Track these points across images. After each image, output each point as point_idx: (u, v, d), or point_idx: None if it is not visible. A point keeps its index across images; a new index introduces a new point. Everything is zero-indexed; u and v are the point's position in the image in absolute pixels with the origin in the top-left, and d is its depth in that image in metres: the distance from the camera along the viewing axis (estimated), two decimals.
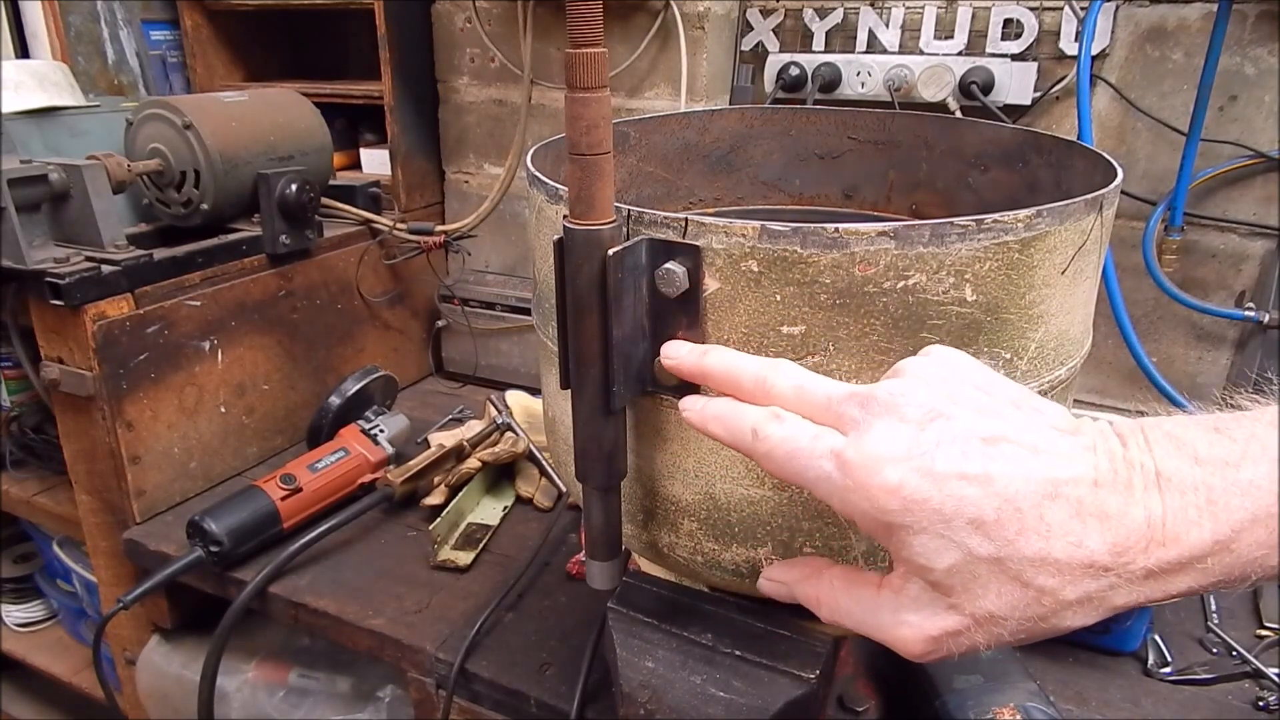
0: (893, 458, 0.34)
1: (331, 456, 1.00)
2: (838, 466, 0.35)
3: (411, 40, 1.30)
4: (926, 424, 0.34)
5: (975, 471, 0.33)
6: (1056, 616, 0.33)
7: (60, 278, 0.87)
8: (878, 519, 0.34)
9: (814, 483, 0.37)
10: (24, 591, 1.42)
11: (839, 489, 0.35)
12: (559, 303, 0.46)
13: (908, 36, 1.08)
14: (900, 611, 0.36)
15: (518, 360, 1.34)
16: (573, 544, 0.94)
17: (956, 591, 0.33)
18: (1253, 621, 0.82)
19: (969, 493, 0.33)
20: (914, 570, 0.35)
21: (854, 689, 0.69)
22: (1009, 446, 0.33)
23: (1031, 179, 0.65)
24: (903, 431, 0.34)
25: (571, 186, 0.43)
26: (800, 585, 0.41)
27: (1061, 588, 0.32)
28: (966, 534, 0.33)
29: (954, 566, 0.33)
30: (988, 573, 0.33)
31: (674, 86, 1.15)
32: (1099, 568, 0.31)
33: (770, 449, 0.38)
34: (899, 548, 0.34)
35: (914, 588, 0.35)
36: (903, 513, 0.33)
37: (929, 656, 0.36)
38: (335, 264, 1.20)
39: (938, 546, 0.33)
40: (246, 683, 0.99)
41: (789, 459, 0.37)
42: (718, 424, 0.41)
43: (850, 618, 0.38)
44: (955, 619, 0.34)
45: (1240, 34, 0.94)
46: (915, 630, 0.35)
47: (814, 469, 0.36)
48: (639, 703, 0.54)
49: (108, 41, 1.39)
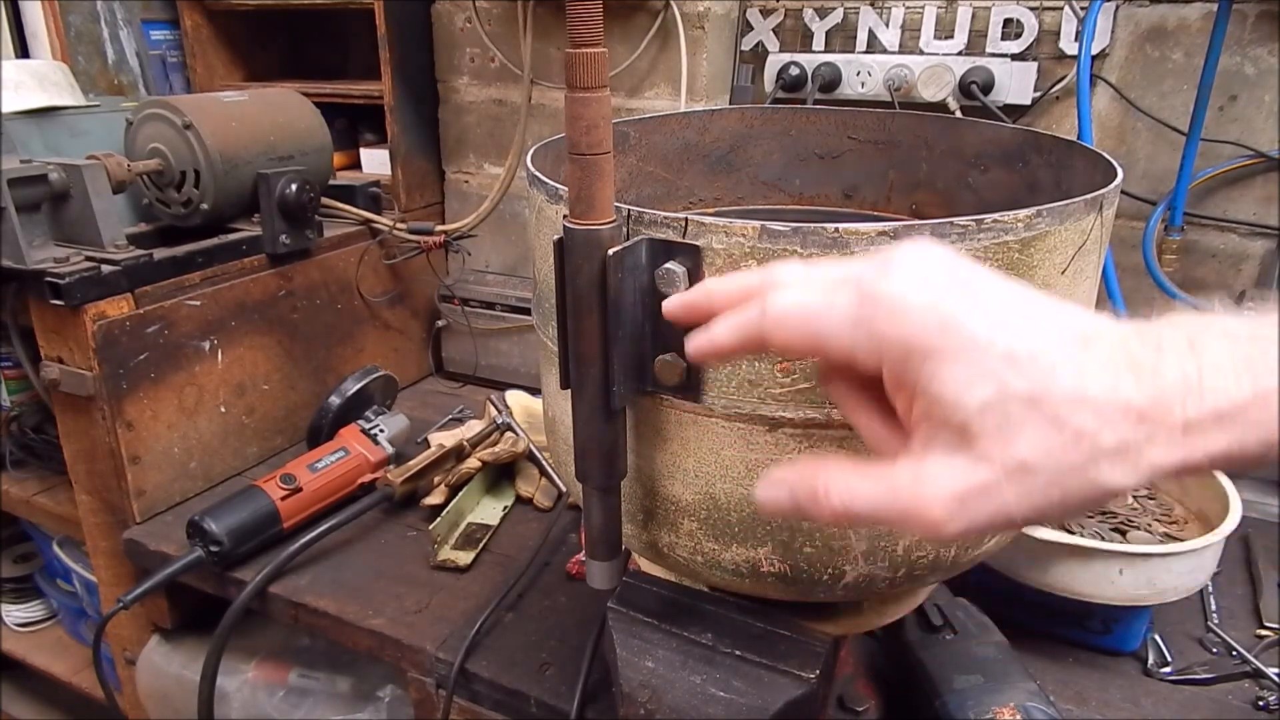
0: (924, 281, 0.32)
1: (331, 456, 1.00)
2: (861, 300, 0.33)
3: (411, 40, 1.30)
4: (951, 264, 0.33)
5: (1008, 308, 0.31)
6: (1094, 467, 0.30)
7: (60, 278, 0.87)
8: (909, 343, 0.31)
9: (834, 329, 0.33)
10: (24, 591, 1.41)
11: (865, 322, 0.33)
12: (559, 303, 0.46)
13: (908, 36, 1.08)
14: (921, 474, 0.32)
15: (518, 360, 1.34)
16: (573, 544, 0.94)
17: (988, 435, 0.30)
18: (1253, 621, 0.82)
19: (1001, 325, 0.31)
20: (941, 410, 0.31)
21: (854, 689, 0.69)
22: (1035, 300, 0.32)
23: (1031, 179, 0.65)
24: (930, 265, 0.33)
25: (571, 186, 0.43)
26: (801, 481, 0.36)
27: (1099, 430, 0.29)
28: (1002, 367, 0.30)
29: (988, 403, 0.30)
30: (1022, 412, 0.30)
31: (674, 86, 1.15)
32: (1137, 412, 0.29)
33: (782, 314, 0.35)
34: (929, 379, 0.31)
35: (937, 446, 0.32)
36: (939, 332, 0.31)
37: (955, 525, 0.31)
38: (335, 264, 1.20)
39: (971, 378, 0.30)
40: (246, 683, 0.99)
41: (804, 317, 0.34)
42: (725, 329, 0.38)
43: (866, 497, 0.34)
44: (983, 471, 0.31)
45: (1240, 34, 0.94)
46: (938, 489, 0.31)
47: (834, 313, 0.33)
48: (639, 703, 0.54)
49: (108, 41, 1.39)
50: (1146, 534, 0.81)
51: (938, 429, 0.32)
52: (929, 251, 0.33)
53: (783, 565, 0.50)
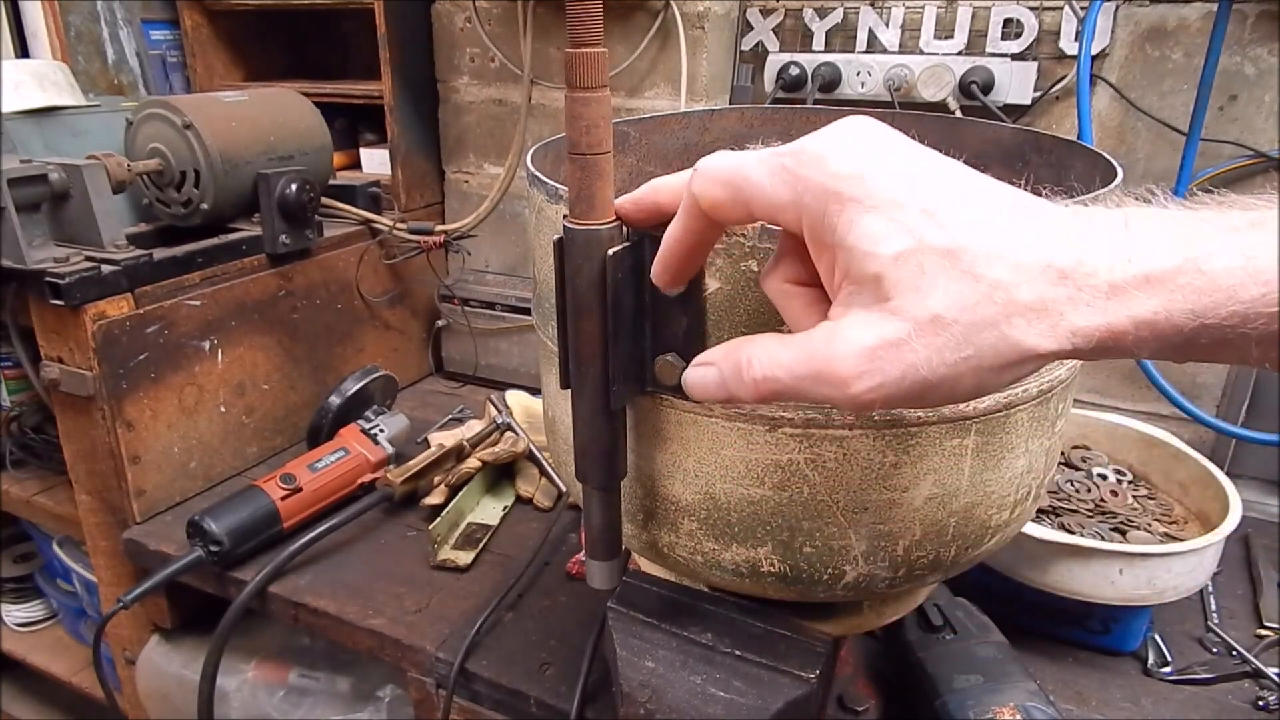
0: (850, 138, 0.32)
1: (331, 456, 1.00)
2: (790, 152, 0.33)
3: (411, 40, 1.30)
4: (883, 131, 0.33)
5: (930, 167, 0.31)
6: (1008, 323, 0.29)
7: (60, 277, 0.87)
8: (828, 188, 0.31)
9: (762, 180, 0.33)
10: (24, 591, 1.42)
11: (790, 172, 0.32)
12: (559, 303, 0.46)
13: (908, 36, 1.08)
14: (836, 332, 0.32)
15: (518, 360, 1.34)
16: (573, 544, 0.94)
17: (901, 289, 0.30)
18: (1253, 621, 0.82)
19: (922, 180, 0.31)
20: (857, 264, 0.31)
21: (854, 689, 0.69)
22: (964, 169, 0.32)
23: (1032, 179, 0.65)
24: (860, 128, 0.33)
25: (571, 186, 0.43)
26: (729, 357, 0.35)
27: (1016, 284, 0.28)
28: (920, 219, 0.30)
29: (902, 254, 0.30)
30: (937, 264, 0.29)
31: (674, 86, 1.15)
32: (1057, 271, 0.28)
33: (710, 169, 0.35)
34: (845, 230, 0.31)
35: (854, 305, 0.31)
36: (855, 181, 0.31)
37: (864, 383, 0.31)
38: (335, 264, 1.20)
39: (888, 230, 0.30)
40: (246, 683, 0.99)
41: (735, 169, 0.34)
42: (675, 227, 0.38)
43: (783, 364, 0.33)
44: (895, 324, 0.30)
45: (1240, 34, 0.94)
46: (848, 344, 0.31)
47: (764, 165, 0.33)
48: (639, 702, 0.54)
49: (108, 41, 1.39)
50: (1146, 534, 0.81)
51: (855, 288, 0.31)
52: (862, 120, 0.33)
53: (783, 565, 0.50)
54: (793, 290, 0.37)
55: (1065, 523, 0.82)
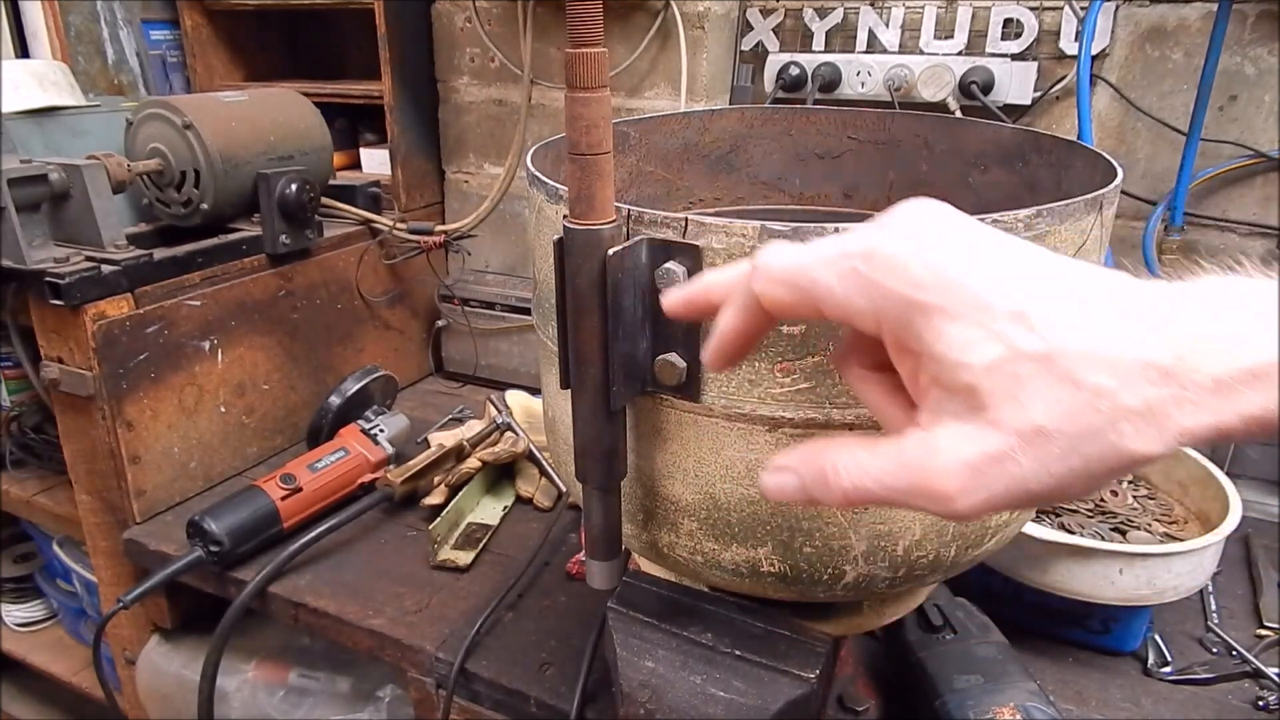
0: (922, 240, 0.30)
1: (331, 456, 1.00)
2: (860, 254, 0.31)
3: (411, 40, 1.30)
4: (951, 219, 0.31)
5: (1010, 259, 0.29)
6: (1115, 431, 0.27)
7: (60, 278, 0.87)
8: (910, 298, 0.29)
9: (832, 283, 0.31)
10: (24, 591, 1.42)
11: (863, 277, 0.30)
12: (559, 303, 0.46)
13: (908, 36, 1.08)
14: (930, 444, 0.30)
15: (518, 360, 1.34)
16: (573, 544, 0.94)
17: (997, 399, 0.28)
18: (1253, 621, 0.82)
19: (1008, 280, 0.29)
20: (947, 374, 0.29)
21: (854, 689, 0.69)
22: (1042, 254, 0.30)
23: (1031, 179, 0.65)
24: (929, 220, 0.31)
25: (571, 186, 0.43)
26: (810, 463, 0.34)
27: (1119, 389, 0.27)
28: (1008, 325, 0.28)
29: (995, 363, 0.28)
30: (1033, 372, 0.28)
31: (674, 86, 1.15)
32: (1159, 370, 0.27)
33: (773, 268, 0.33)
34: (932, 339, 0.29)
35: (945, 414, 0.30)
36: (939, 289, 0.29)
37: (968, 499, 0.29)
38: (335, 264, 1.20)
39: (977, 338, 0.28)
40: (246, 683, 0.99)
41: (800, 268, 0.32)
42: (723, 317, 0.37)
43: (874, 475, 0.32)
44: (997, 437, 0.28)
45: (1240, 34, 0.94)
46: (949, 458, 0.29)
47: (832, 268, 0.31)
48: (639, 702, 0.54)
49: (108, 41, 1.39)
50: (1146, 534, 0.81)
51: (945, 395, 0.30)
52: (928, 207, 0.32)
53: (783, 565, 0.50)
54: (869, 376, 0.36)
55: (1065, 523, 0.82)
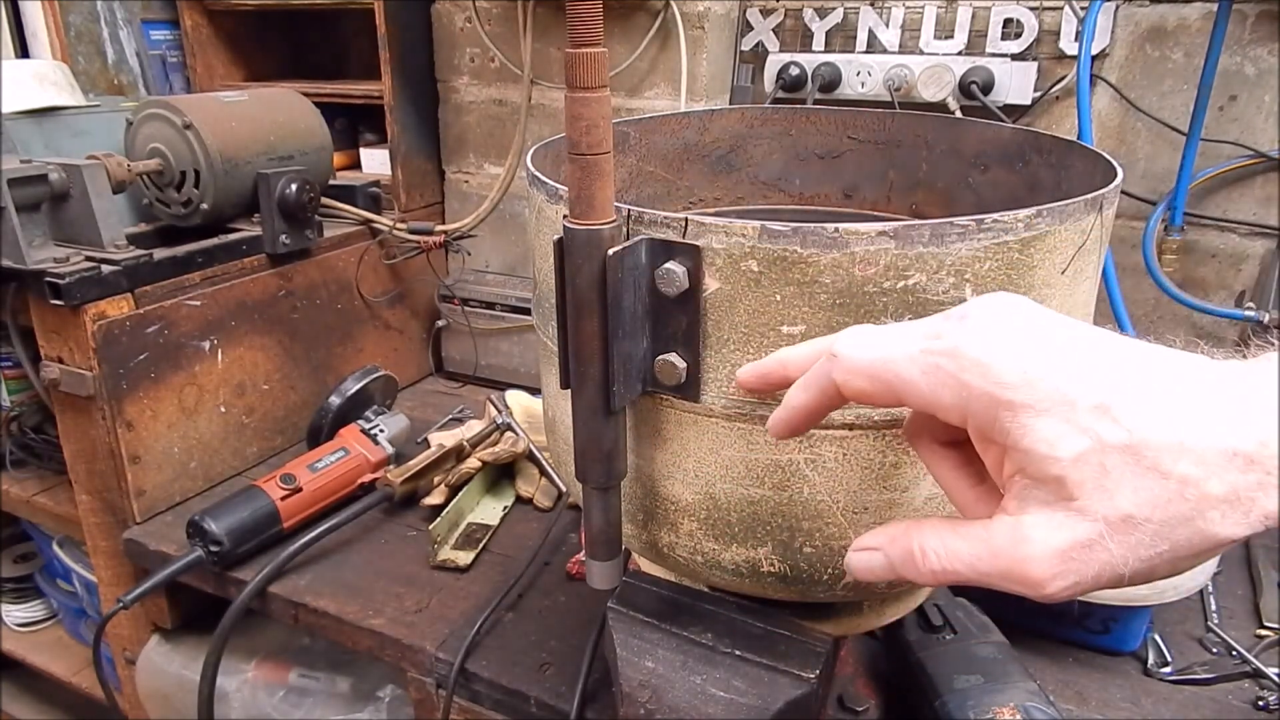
0: (1005, 338, 0.32)
1: (331, 456, 1.00)
2: (945, 352, 0.32)
3: (411, 40, 1.30)
4: (1030, 314, 0.33)
5: (1092, 354, 0.31)
6: (1203, 518, 0.28)
7: (60, 278, 0.87)
8: (997, 397, 0.31)
9: (916, 379, 0.33)
10: (24, 591, 1.41)
11: (950, 375, 0.32)
12: (559, 303, 0.46)
13: (908, 36, 1.08)
14: (1020, 531, 0.31)
15: (518, 360, 1.34)
16: (573, 544, 0.94)
17: (1086, 489, 0.29)
18: (1253, 621, 0.82)
19: (1091, 374, 0.30)
20: (1034, 466, 0.31)
21: (854, 689, 0.69)
22: (1114, 340, 0.31)
23: (1031, 179, 0.65)
24: (1009, 316, 0.33)
25: (571, 186, 0.43)
26: (897, 543, 0.35)
27: (1205, 478, 0.28)
28: (1094, 418, 0.29)
29: (1083, 455, 0.29)
30: (1120, 463, 0.29)
31: (674, 86, 1.15)
32: (1244, 458, 0.28)
33: (855, 361, 0.35)
34: (1020, 435, 0.31)
35: (1033, 502, 0.31)
36: (1024, 387, 0.30)
37: (1059, 583, 0.30)
38: (335, 264, 1.20)
39: (1063, 432, 0.30)
40: (246, 683, 0.99)
41: (884, 363, 0.34)
42: (796, 391, 0.38)
43: (964, 559, 0.33)
44: (1086, 525, 0.29)
45: (1240, 34, 0.94)
46: (1040, 546, 0.30)
47: (917, 363, 0.33)
48: (639, 703, 0.54)
49: (108, 41, 1.39)
50: None
51: (1032, 484, 0.31)
52: (1006, 302, 0.33)
53: (783, 565, 0.50)
54: (940, 451, 0.37)
55: None
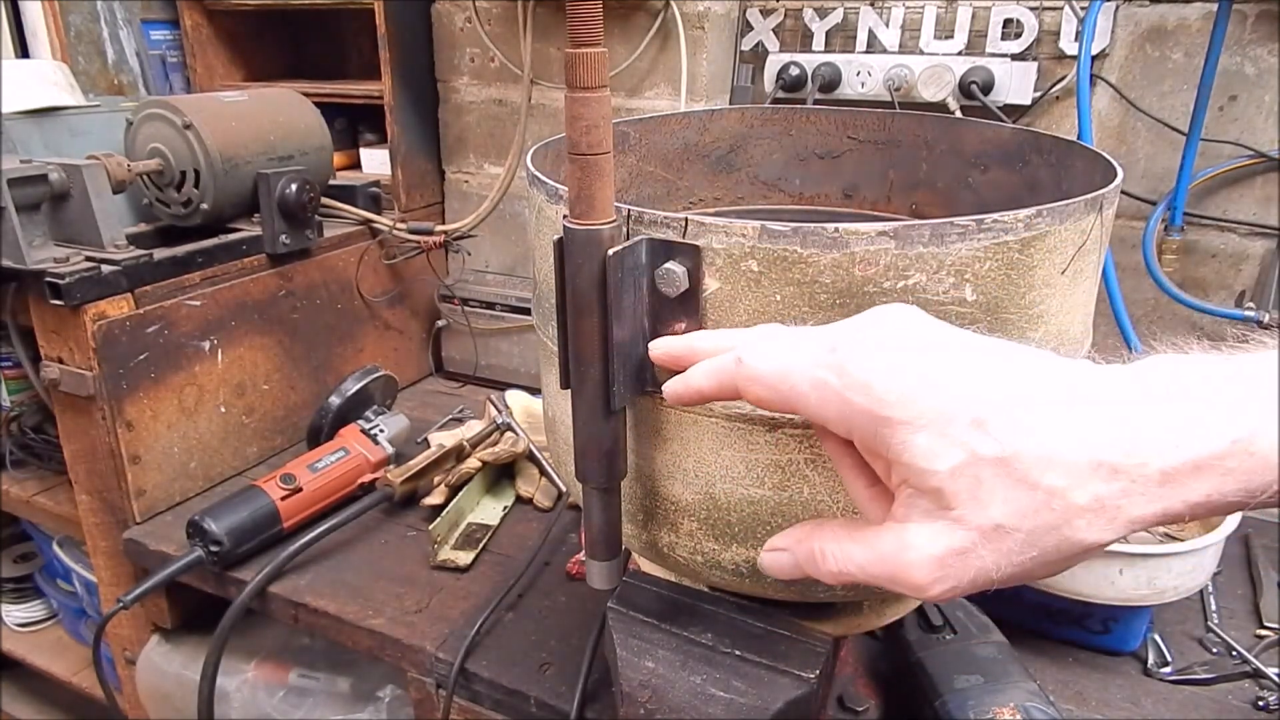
0: (888, 356, 0.34)
1: (331, 456, 1.00)
2: (833, 370, 0.34)
3: (411, 40, 1.30)
4: (920, 329, 0.35)
5: (971, 369, 0.33)
6: (1069, 526, 0.30)
7: (60, 277, 0.87)
8: (877, 414, 0.33)
9: (807, 393, 0.35)
10: (24, 591, 1.42)
11: (835, 392, 0.34)
12: (559, 303, 0.46)
13: (908, 36, 1.08)
14: (904, 539, 0.33)
15: (518, 360, 1.34)
16: (573, 544, 0.94)
17: (961, 500, 0.31)
18: (1253, 621, 0.82)
19: (967, 390, 0.32)
20: (915, 478, 0.33)
21: (854, 689, 0.69)
22: (996, 354, 0.33)
23: (1031, 179, 0.65)
24: (893, 335, 0.35)
25: (571, 186, 0.43)
26: (802, 544, 0.38)
27: (1071, 488, 0.30)
28: (969, 433, 0.31)
29: (957, 468, 0.31)
30: (993, 475, 0.31)
31: (674, 86, 1.15)
32: (1109, 468, 0.29)
33: (756, 370, 0.37)
34: (900, 450, 0.33)
35: (916, 512, 0.33)
36: (902, 404, 0.32)
37: (938, 587, 0.33)
38: (335, 264, 1.20)
39: (939, 446, 0.31)
40: (246, 683, 0.99)
41: (780, 375, 0.36)
42: (700, 373, 0.40)
43: (857, 562, 0.36)
44: (961, 534, 0.32)
45: (1240, 34, 0.94)
46: (920, 553, 0.33)
47: (807, 377, 0.35)
48: (639, 702, 0.54)
49: (108, 41, 1.39)
50: (1146, 534, 0.81)
51: (916, 494, 0.33)
52: (896, 316, 0.36)
53: None
54: (842, 450, 0.39)
55: None
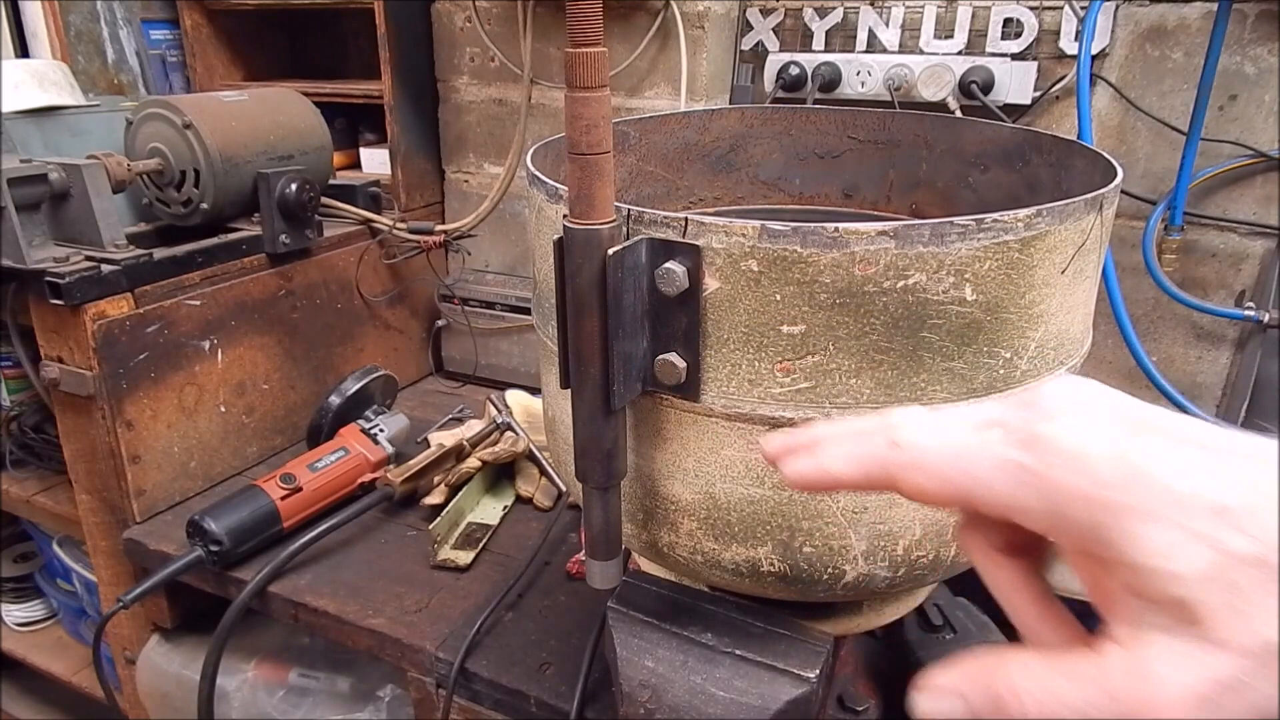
0: (1098, 431, 0.26)
1: (331, 456, 1.00)
2: (1025, 446, 0.27)
3: (411, 40, 1.30)
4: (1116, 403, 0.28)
5: (1200, 450, 0.26)
6: None
7: (60, 277, 0.87)
8: (1096, 498, 0.26)
9: (991, 477, 0.28)
10: (24, 591, 1.42)
11: (1034, 473, 0.27)
12: (559, 302, 0.46)
13: (908, 36, 1.08)
14: (1143, 668, 0.25)
15: (518, 360, 1.34)
16: (573, 544, 0.94)
17: (1217, 613, 0.24)
18: None
19: (1201, 476, 0.25)
20: (1148, 583, 0.25)
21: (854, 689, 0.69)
22: (1224, 436, 0.27)
23: (1031, 178, 0.65)
24: (1095, 406, 0.28)
25: (571, 186, 0.43)
26: (979, 685, 0.29)
27: None
28: (1212, 524, 0.24)
29: (1207, 572, 0.24)
30: (1252, 580, 0.24)
31: (674, 86, 1.15)
32: None
33: (919, 453, 0.30)
34: (1126, 545, 0.25)
35: (1152, 629, 0.25)
36: (1129, 486, 0.25)
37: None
38: (335, 263, 1.20)
39: (1178, 540, 0.24)
40: (246, 682, 0.99)
41: (953, 457, 0.29)
42: (840, 458, 0.32)
43: (1072, 704, 0.26)
44: (1225, 661, 0.24)
45: (1240, 33, 0.94)
46: (1171, 688, 0.25)
47: (991, 458, 0.28)
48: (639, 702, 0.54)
49: (108, 41, 1.39)
50: None
51: (1147, 607, 0.26)
52: (1086, 389, 0.29)
53: (783, 565, 0.50)
54: (1000, 560, 0.32)
55: None
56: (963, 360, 0.45)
